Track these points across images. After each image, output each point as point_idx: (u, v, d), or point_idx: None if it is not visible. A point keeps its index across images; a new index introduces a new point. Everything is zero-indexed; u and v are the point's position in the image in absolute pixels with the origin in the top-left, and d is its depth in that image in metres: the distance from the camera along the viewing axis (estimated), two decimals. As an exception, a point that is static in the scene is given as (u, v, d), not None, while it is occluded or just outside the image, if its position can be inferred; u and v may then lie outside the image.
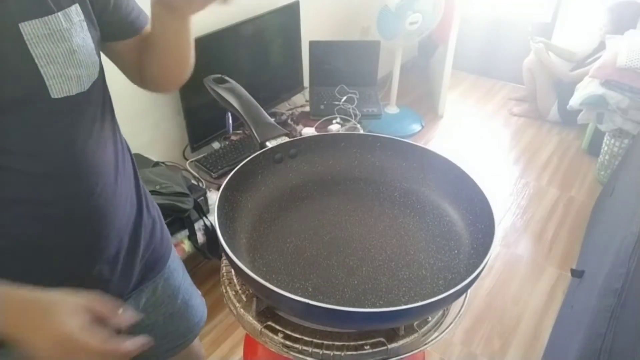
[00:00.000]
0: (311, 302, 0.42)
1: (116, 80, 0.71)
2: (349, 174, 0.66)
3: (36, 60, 0.55)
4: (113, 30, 0.68)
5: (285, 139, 0.63)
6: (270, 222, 0.59)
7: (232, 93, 0.68)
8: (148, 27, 0.72)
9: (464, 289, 0.45)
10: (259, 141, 0.62)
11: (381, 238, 0.57)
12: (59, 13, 0.57)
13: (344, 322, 0.46)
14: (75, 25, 0.59)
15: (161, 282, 0.82)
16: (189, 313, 0.92)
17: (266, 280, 0.44)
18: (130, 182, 0.75)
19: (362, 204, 0.62)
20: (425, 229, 0.58)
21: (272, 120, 0.65)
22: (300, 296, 0.42)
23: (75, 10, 0.59)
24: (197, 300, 0.96)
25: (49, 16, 0.56)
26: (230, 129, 1.94)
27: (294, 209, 0.62)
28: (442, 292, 0.43)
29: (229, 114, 1.92)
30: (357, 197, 0.64)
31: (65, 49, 0.58)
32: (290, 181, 0.65)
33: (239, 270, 0.46)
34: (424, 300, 0.42)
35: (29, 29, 0.54)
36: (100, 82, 0.68)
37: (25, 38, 0.54)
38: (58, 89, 0.58)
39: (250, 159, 0.61)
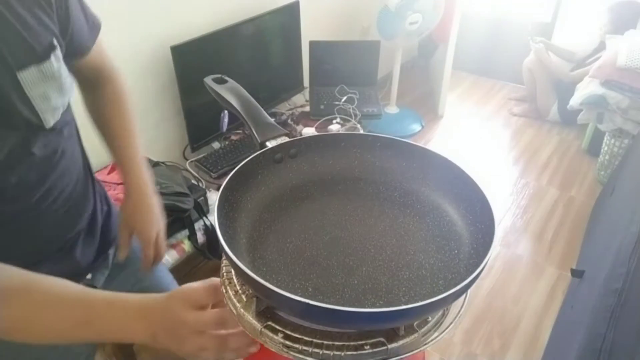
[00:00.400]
0: (311, 302, 0.41)
1: (116, 80, 0.71)
2: (349, 174, 0.66)
3: (32, 102, 0.60)
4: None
5: (285, 139, 0.63)
6: (270, 222, 0.59)
7: (232, 93, 0.67)
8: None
9: (464, 289, 0.45)
10: (259, 141, 0.62)
11: (381, 238, 0.57)
12: (51, 57, 0.62)
13: (344, 322, 0.46)
14: (60, 61, 0.64)
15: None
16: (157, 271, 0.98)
17: (266, 281, 0.44)
18: (83, 170, 0.81)
19: (362, 204, 0.62)
20: (425, 229, 0.58)
21: (272, 120, 0.64)
22: (300, 296, 0.42)
23: (59, 49, 0.64)
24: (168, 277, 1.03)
25: (44, 63, 0.61)
26: (224, 128, 1.94)
27: (294, 209, 0.62)
28: (442, 292, 0.43)
29: (224, 113, 1.92)
30: (357, 197, 0.64)
31: (56, 86, 0.63)
32: (290, 181, 0.65)
33: (239, 271, 0.46)
34: (423, 300, 0.42)
35: (26, 75, 0.59)
36: (70, 108, 0.75)
37: (22, 84, 0.59)
38: (50, 119, 0.64)
39: (250, 159, 0.61)
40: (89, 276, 0.83)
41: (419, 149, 0.63)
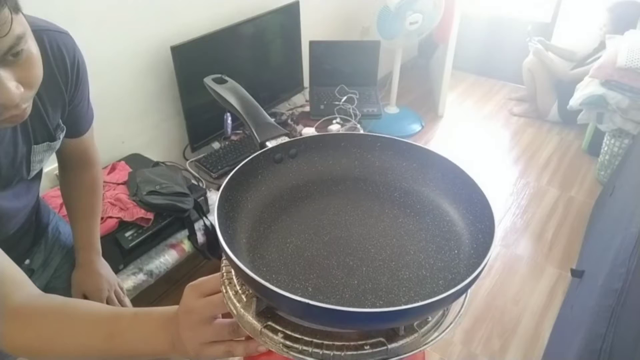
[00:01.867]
0: (311, 302, 0.41)
1: (116, 80, 0.71)
2: (349, 174, 0.66)
3: (31, 165, 0.78)
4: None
5: (285, 139, 0.63)
6: (270, 222, 0.59)
7: (231, 93, 0.67)
8: None
9: (464, 289, 0.45)
10: (259, 141, 0.62)
11: (381, 238, 0.57)
12: (60, 136, 0.80)
13: (343, 322, 0.46)
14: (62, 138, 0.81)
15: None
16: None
17: (266, 280, 0.44)
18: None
19: (362, 204, 0.62)
20: (425, 229, 0.58)
21: (272, 120, 0.64)
22: (300, 296, 0.42)
23: (64, 129, 0.81)
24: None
25: (54, 142, 0.79)
26: (229, 130, 1.94)
27: (294, 208, 0.62)
28: (442, 292, 0.42)
29: (227, 115, 1.92)
30: (357, 197, 0.64)
31: (51, 153, 0.82)
32: (291, 181, 0.65)
33: (238, 271, 0.46)
34: (424, 300, 0.42)
35: (38, 148, 0.77)
36: None
37: (32, 152, 0.76)
38: (33, 174, 0.81)
39: (250, 159, 0.61)
40: (27, 262, 0.93)
41: (419, 149, 0.63)
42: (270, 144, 0.61)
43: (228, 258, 0.47)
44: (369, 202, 0.62)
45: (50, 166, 1.54)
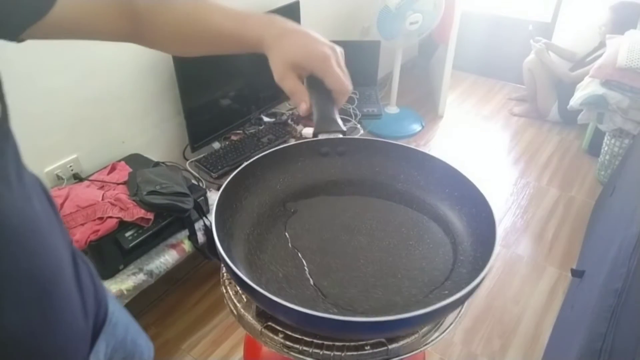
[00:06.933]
0: (308, 312, 0.41)
1: (116, 80, 0.70)
2: (389, 185, 0.65)
3: None
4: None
5: (338, 135, 0.61)
6: (293, 205, 0.61)
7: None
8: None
9: (465, 298, 0.45)
10: (315, 131, 0.61)
11: (389, 248, 0.57)
12: None
13: (341, 330, 0.45)
14: None
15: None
16: (138, 353, 0.88)
17: (257, 283, 0.44)
18: (57, 220, 0.63)
19: (388, 214, 0.62)
20: (431, 259, 0.56)
21: (338, 117, 0.60)
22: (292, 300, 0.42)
23: None
24: (143, 338, 0.93)
25: None
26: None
27: (321, 201, 0.63)
28: (445, 300, 0.43)
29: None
30: (387, 207, 0.63)
31: None
32: (330, 175, 0.65)
33: (229, 269, 0.46)
34: (426, 308, 0.41)
35: None
36: (6, 124, 0.49)
37: None
38: None
39: (295, 144, 0.62)
40: None
41: (463, 178, 0.60)
42: (322, 136, 0.61)
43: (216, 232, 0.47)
44: (394, 215, 0.62)
45: (51, 166, 1.54)
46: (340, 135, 0.61)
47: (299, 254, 0.54)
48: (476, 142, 2.86)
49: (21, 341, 0.52)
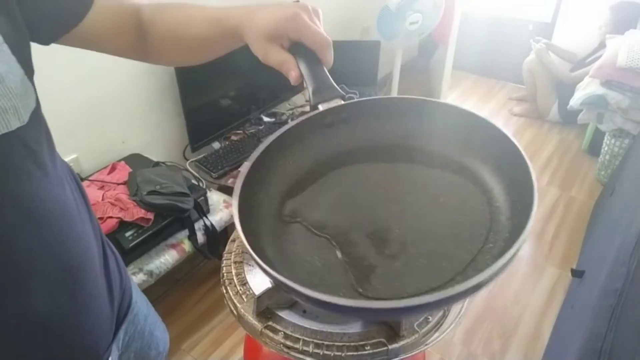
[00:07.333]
0: (308, 293, 0.38)
1: (116, 80, 0.70)
2: (405, 142, 0.59)
3: None
4: (58, 16, 0.55)
5: (338, 102, 0.57)
6: (309, 186, 0.57)
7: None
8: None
9: (520, 245, 0.41)
10: (312, 103, 0.57)
11: (415, 219, 0.51)
12: None
13: (373, 315, 0.43)
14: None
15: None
16: (154, 344, 0.87)
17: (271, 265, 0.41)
18: (86, 207, 0.64)
19: (407, 177, 0.57)
20: (467, 213, 0.51)
21: (334, 83, 0.58)
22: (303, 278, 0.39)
23: None
24: (160, 329, 0.91)
25: None
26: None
27: (336, 176, 0.58)
28: (496, 258, 0.39)
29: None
30: (405, 169, 0.58)
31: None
32: (340, 146, 0.60)
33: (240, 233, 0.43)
34: (482, 272, 0.37)
35: None
36: (39, 111, 0.55)
37: None
38: None
39: (298, 123, 0.58)
40: None
41: (486, 123, 0.54)
42: (322, 107, 0.57)
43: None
44: (416, 176, 0.57)
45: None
46: (341, 102, 0.57)
47: (330, 240, 0.51)
48: (476, 142, 2.86)
49: (50, 324, 0.55)
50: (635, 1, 2.56)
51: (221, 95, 1.96)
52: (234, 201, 0.47)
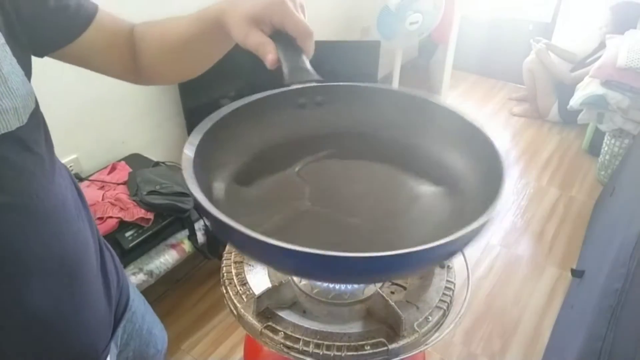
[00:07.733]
0: (274, 242, 0.36)
1: (116, 80, 0.70)
2: (377, 132, 0.58)
3: None
4: (59, 31, 0.57)
5: (314, 83, 0.56)
6: (266, 164, 0.55)
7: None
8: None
9: (470, 236, 0.40)
10: (287, 82, 0.55)
11: (382, 198, 0.51)
12: None
13: (331, 270, 0.39)
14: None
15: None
16: (152, 343, 0.87)
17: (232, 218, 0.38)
18: (84, 208, 0.65)
19: (378, 164, 0.57)
20: (441, 198, 0.51)
21: (309, 67, 0.57)
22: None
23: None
24: (158, 327, 0.91)
25: None
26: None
27: (297, 159, 0.57)
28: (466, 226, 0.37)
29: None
30: (379, 157, 0.57)
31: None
32: (308, 129, 0.58)
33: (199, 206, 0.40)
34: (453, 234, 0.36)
35: None
36: (38, 111, 0.56)
37: None
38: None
39: (270, 95, 0.56)
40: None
41: (457, 116, 0.54)
42: (294, 86, 0.56)
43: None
44: (389, 166, 0.56)
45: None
46: (315, 84, 0.55)
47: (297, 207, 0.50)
48: (476, 142, 2.86)
49: (49, 323, 0.56)
50: (635, 1, 2.56)
51: (221, 95, 1.96)
52: (188, 150, 0.46)
